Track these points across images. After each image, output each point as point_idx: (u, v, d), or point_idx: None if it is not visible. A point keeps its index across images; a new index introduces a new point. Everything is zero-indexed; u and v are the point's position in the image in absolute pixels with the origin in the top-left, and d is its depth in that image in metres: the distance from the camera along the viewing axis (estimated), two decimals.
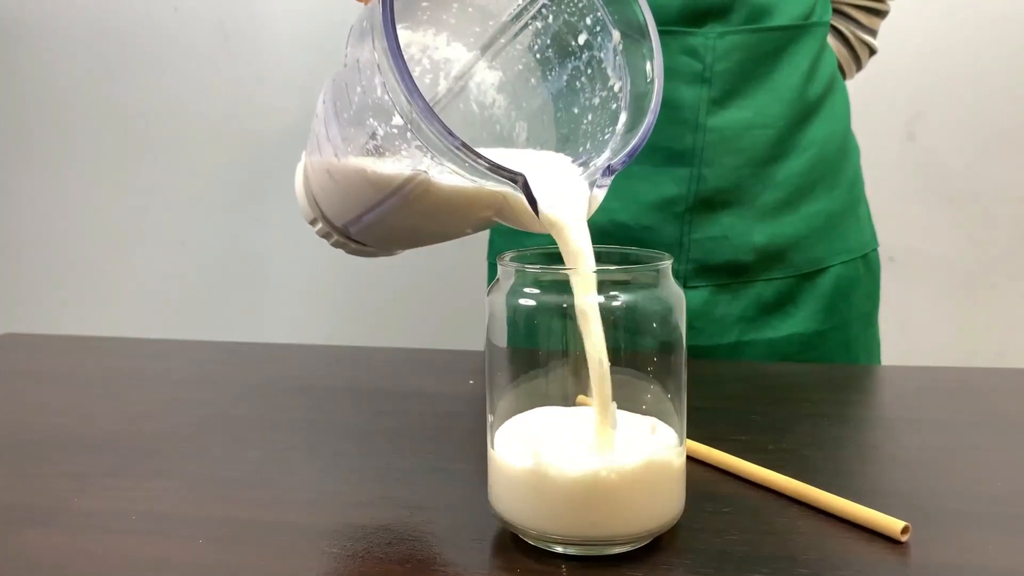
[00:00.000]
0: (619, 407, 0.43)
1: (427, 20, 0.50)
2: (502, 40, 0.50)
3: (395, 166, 0.42)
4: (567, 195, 0.42)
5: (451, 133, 0.37)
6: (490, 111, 0.52)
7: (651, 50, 0.44)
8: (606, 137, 0.46)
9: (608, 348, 0.43)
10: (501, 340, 0.45)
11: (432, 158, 0.39)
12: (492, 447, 0.45)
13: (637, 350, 0.44)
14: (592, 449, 0.42)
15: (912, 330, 1.29)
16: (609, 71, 0.47)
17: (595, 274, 0.42)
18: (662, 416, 0.45)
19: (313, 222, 0.58)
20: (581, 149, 0.48)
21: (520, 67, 0.51)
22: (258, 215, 1.40)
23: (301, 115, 1.34)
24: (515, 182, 0.39)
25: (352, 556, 0.44)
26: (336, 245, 0.58)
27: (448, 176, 0.42)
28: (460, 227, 0.48)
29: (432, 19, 0.50)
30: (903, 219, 1.28)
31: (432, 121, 0.37)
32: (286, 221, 1.38)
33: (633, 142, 0.43)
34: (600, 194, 0.43)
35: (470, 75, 0.52)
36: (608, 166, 0.42)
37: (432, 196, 0.43)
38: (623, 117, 0.45)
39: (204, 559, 0.44)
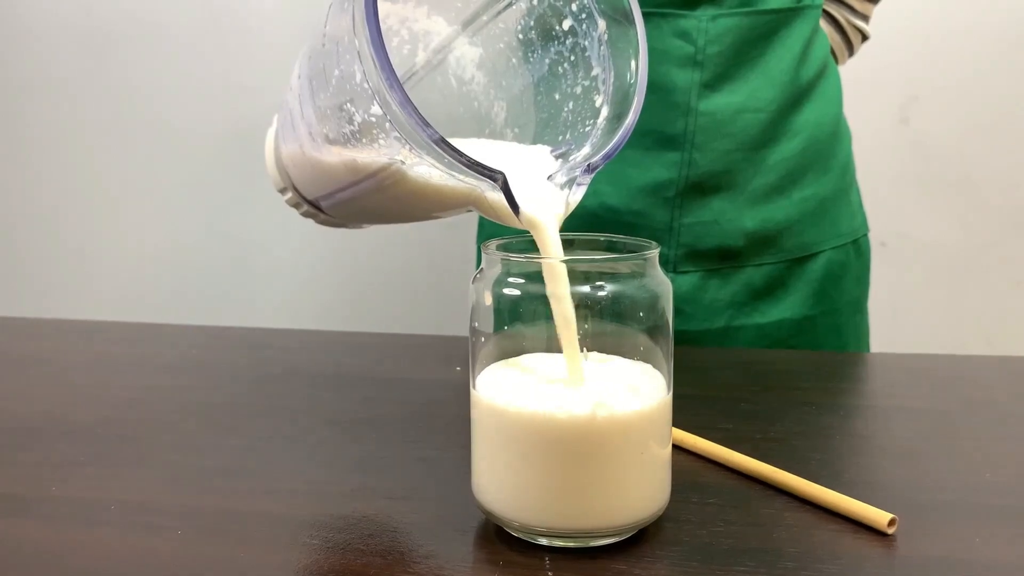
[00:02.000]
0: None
1: None
2: (484, 17, 0.49)
3: (371, 153, 0.41)
4: (546, 194, 0.42)
5: (431, 127, 0.36)
6: (468, 87, 0.51)
7: (637, 48, 0.43)
8: (587, 129, 0.45)
9: (596, 336, 0.42)
10: (486, 329, 0.44)
11: (410, 149, 0.38)
12: (474, 430, 0.44)
13: (624, 339, 0.44)
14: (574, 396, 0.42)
15: (902, 315, 1.29)
16: (593, 61, 0.46)
17: (566, 268, 0.42)
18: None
19: (283, 191, 0.57)
20: (561, 138, 0.47)
21: (502, 46, 0.50)
22: (245, 199, 1.39)
23: None
24: (495, 180, 0.39)
25: (333, 548, 0.43)
26: (306, 215, 0.57)
27: (424, 167, 0.41)
28: (434, 213, 0.47)
29: None
30: (895, 203, 1.28)
31: (413, 115, 0.36)
32: (273, 205, 1.36)
33: (613, 141, 0.42)
34: (580, 192, 0.42)
35: (449, 49, 0.51)
36: (588, 164, 0.42)
37: (407, 184, 0.42)
38: (605, 111, 0.45)
39: (183, 550, 0.43)
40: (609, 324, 0.43)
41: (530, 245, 0.45)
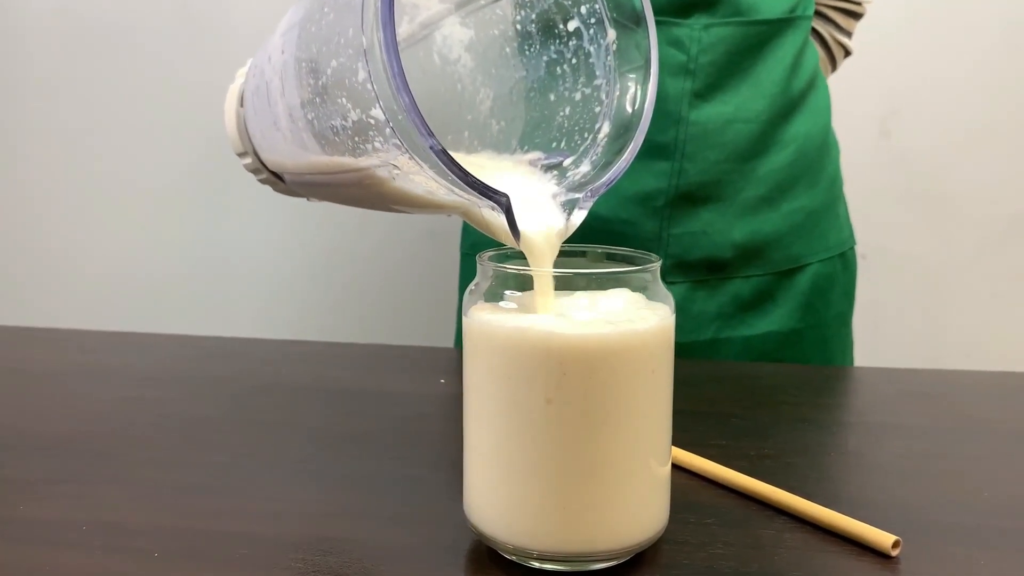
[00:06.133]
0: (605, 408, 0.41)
1: None
2: (481, 1, 0.48)
3: (361, 152, 0.39)
4: (546, 218, 0.41)
5: (436, 139, 0.35)
6: (453, 67, 0.49)
7: (646, 70, 0.42)
8: (585, 143, 0.44)
9: None
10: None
11: (409, 158, 0.36)
12: (466, 447, 0.43)
13: None
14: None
15: (881, 327, 1.29)
16: (597, 69, 0.44)
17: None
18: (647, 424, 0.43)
19: (242, 155, 0.54)
20: (555, 144, 0.46)
21: (495, 32, 0.48)
22: (223, 203, 1.36)
23: None
24: (498, 204, 0.37)
25: (318, 571, 0.41)
26: (264, 182, 0.55)
27: (419, 176, 0.39)
28: (413, 212, 0.45)
29: None
30: (875, 216, 1.28)
31: (422, 129, 0.34)
32: (252, 211, 1.34)
33: (615, 167, 0.41)
34: (581, 216, 0.41)
35: (437, 26, 0.49)
36: (590, 190, 0.41)
37: (394, 186, 0.40)
38: (606, 127, 0.43)
39: (160, 573, 0.41)
40: None
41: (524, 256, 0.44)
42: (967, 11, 1.24)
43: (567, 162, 0.44)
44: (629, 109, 0.43)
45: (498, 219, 0.39)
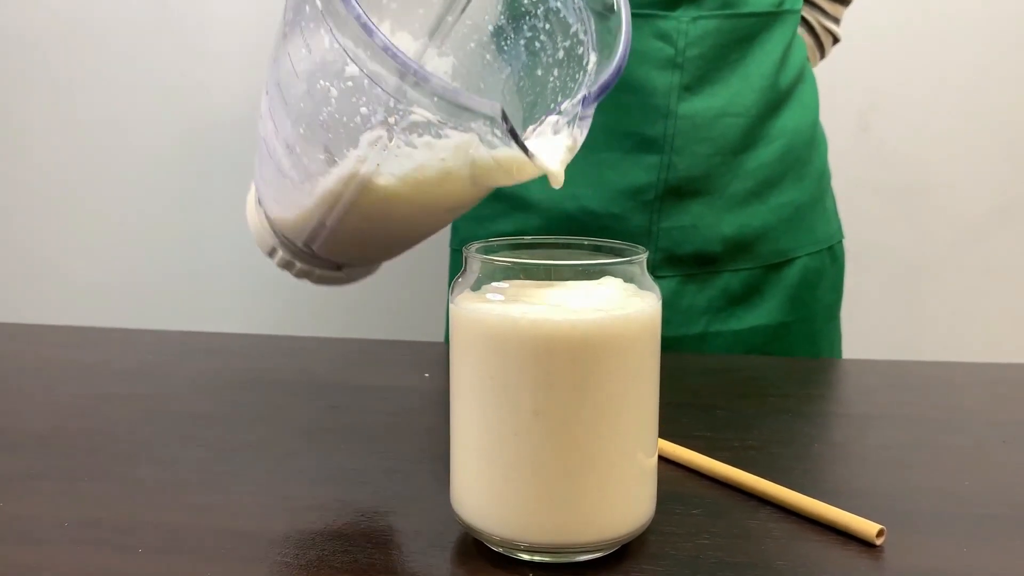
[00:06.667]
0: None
1: (367, 8, 0.47)
2: (449, 19, 0.47)
3: (357, 134, 0.39)
4: (549, 132, 0.40)
5: (403, 53, 0.34)
6: None
7: None
8: (578, 82, 0.43)
9: None
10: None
11: (395, 104, 0.36)
12: (454, 439, 0.43)
13: None
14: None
15: (860, 319, 1.30)
16: (569, 18, 0.44)
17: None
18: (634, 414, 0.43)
19: (272, 252, 0.55)
20: (552, 104, 0.45)
21: (472, 45, 0.48)
22: (202, 195, 1.35)
23: (244, 92, 1.29)
24: (491, 111, 0.37)
25: (305, 565, 0.41)
26: (300, 275, 0.56)
27: (416, 151, 0.39)
28: (432, 209, 0.45)
29: (372, 5, 0.47)
30: (854, 209, 1.28)
31: (386, 43, 0.34)
32: (232, 202, 1.32)
33: (610, 69, 0.40)
34: (585, 126, 0.40)
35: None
36: (585, 96, 0.40)
37: (396, 161, 0.40)
38: (592, 57, 0.43)
39: (143, 570, 0.41)
40: None
41: (512, 248, 0.44)
42: (945, 6, 1.25)
43: (564, 104, 0.43)
44: (608, 28, 0.42)
45: (505, 148, 0.38)
